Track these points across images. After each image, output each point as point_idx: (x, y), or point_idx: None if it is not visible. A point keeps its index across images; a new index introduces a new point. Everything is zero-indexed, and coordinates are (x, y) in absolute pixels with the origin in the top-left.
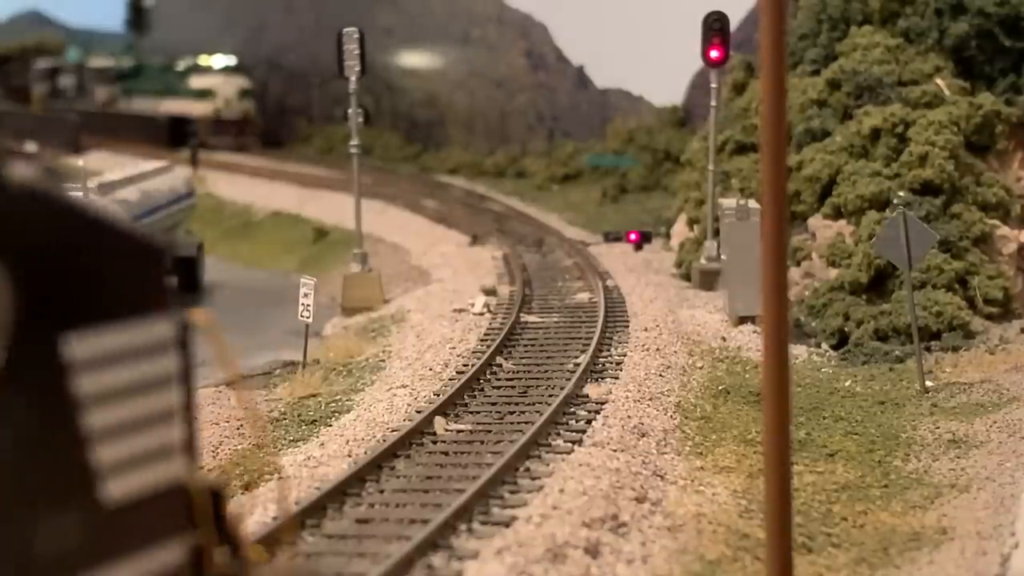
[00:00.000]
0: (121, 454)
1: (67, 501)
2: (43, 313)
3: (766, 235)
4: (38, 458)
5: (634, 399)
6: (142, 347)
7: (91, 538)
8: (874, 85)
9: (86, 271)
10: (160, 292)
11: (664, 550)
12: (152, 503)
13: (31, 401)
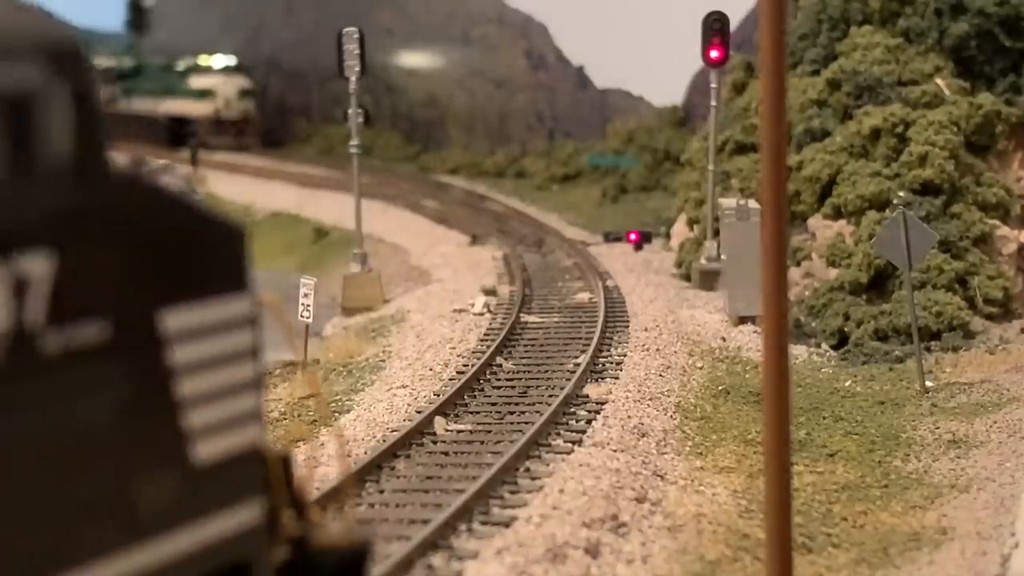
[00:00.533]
0: (207, 420)
1: (163, 461)
2: (143, 290)
3: (766, 235)
4: (140, 421)
5: (634, 399)
6: (224, 323)
7: (184, 496)
8: (874, 85)
9: (179, 253)
10: (240, 273)
11: (664, 550)
12: (233, 466)
13: (133, 370)
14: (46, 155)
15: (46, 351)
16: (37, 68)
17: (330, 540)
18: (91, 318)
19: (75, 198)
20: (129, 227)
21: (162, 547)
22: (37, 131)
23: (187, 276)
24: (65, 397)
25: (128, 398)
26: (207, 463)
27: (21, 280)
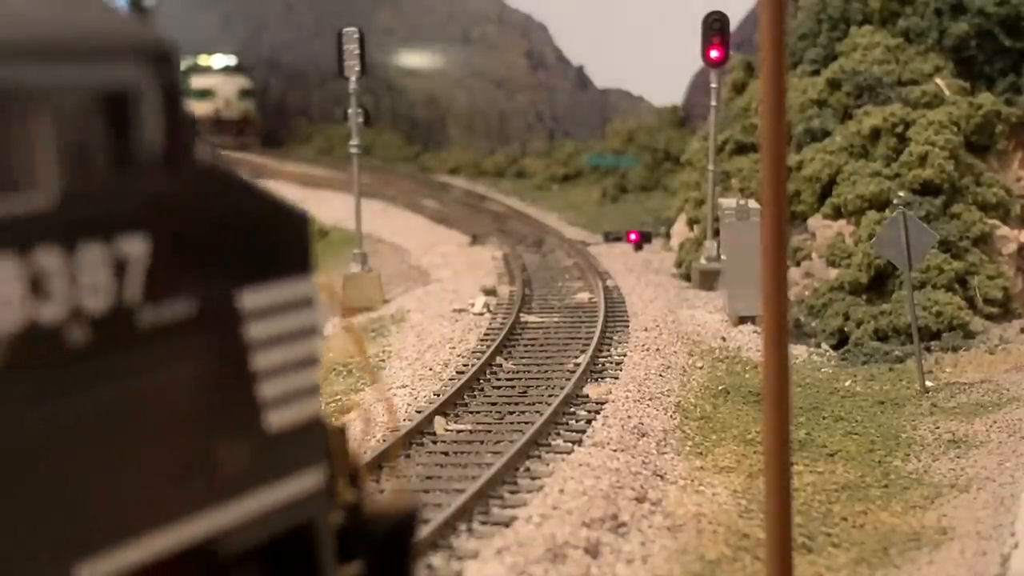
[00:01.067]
0: (276, 392)
1: (240, 429)
2: (223, 271)
3: (766, 235)
4: (220, 391)
5: (634, 399)
6: (291, 302)
7: (258, 460)
8: (874, 85)
9: (254, 236)
10: (304, 256)
11: (664, 550)
12: (298, 435)
13: (214, 344)
14: (141, 147)
15: (142, 325)
16: (136, 68)
17: (381, 507)
18: (179, 296)
19: (165, 186)
20: (211, 213)
21: (238, 508)
22: (134, 125)
23: (260, 258)
24: (158, 367)
25: (210, 370)
26: (276, 432)
27: (121, 260)
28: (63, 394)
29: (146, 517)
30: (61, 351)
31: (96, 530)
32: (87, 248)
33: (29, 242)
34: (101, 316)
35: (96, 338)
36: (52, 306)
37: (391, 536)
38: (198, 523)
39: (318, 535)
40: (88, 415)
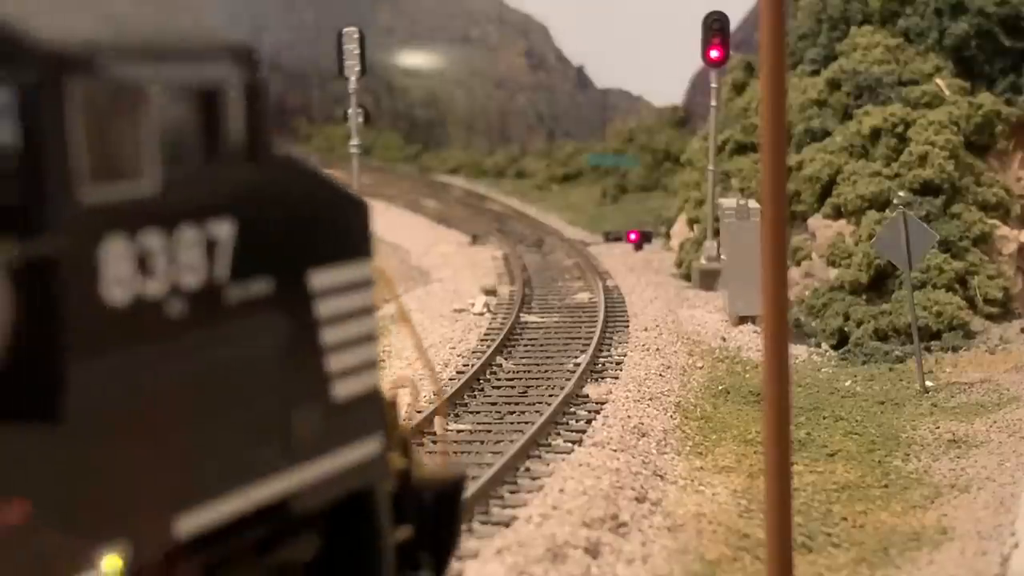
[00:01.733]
0: (342, 365)
1: (311, 398)
2: (296, 252)
3: (766, 235)
4: (294, 363)
5: (634, 399)
6: (353, 283)
7: (326, 428)
8: (874, 85)
9: (323, 222)
10: (365, 240)
11: (664, 550)
12: (360, 406)
13: (289, 320)
14: (228, 140)
15: (229, 301)
16: (225, 67)
17: (429, 474)
18: (260, 275)
19: (248, 176)
20: (287, 200)
21: (309, 471)
22: (223, 120)
23: (327, 242)
24: (242, 339)
25: (286, 343)
26: (341, 402)
27: (212, 242)
28: (164, 362)
29: (233, 476)
30: (163, 323)
31: (191, 486)
32: (184, 231)
33: (137, 225)
34: (195, 292)
35: (191, 312)
36: (155, 282)
37: (439, 502)
38: (275, 484)
39: (377, 499)
40: (185, 382)
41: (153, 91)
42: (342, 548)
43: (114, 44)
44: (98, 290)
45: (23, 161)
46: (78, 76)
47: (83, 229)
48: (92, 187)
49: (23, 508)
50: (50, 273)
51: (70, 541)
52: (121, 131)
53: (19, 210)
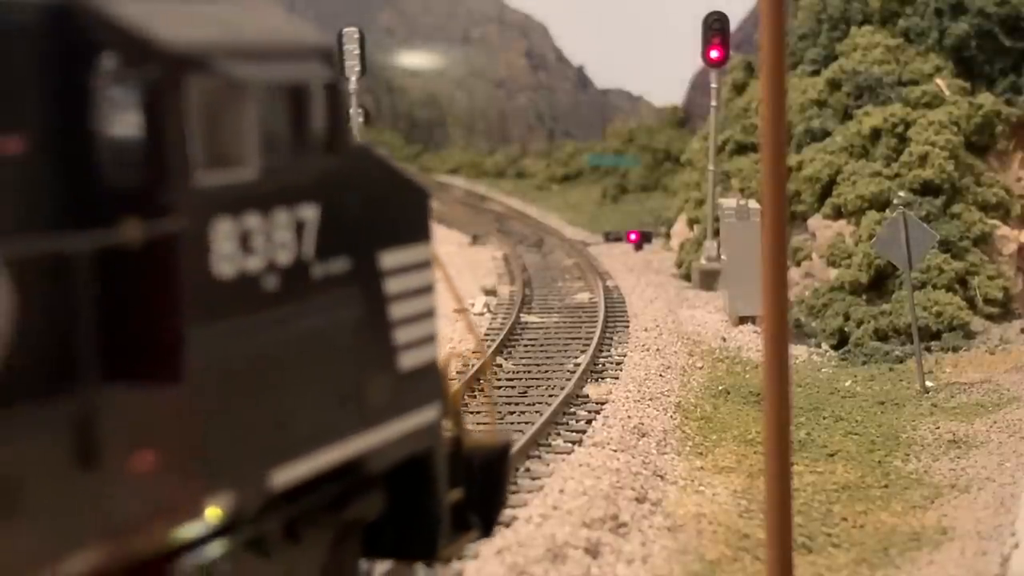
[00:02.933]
0: (407, 338)
1: (381, 367)
2: (370, 234)
3: (766, 235)
4: (368, 335)
5: (634, 399)
6: (416, 263)
7: (393, 395)
8: (874, 85)
9: (392, 207)
10: (427, 225)
11: (664, 550)
12: (421, 376)
13: (364, 296)
14: (312, 132)
15: (313, 277)
16: (310, 66)
17: (477, 441)
18: (339, 254)
19: (329, 165)
20: (361, 187)
21: (379, 434)
22: (308, 114)
23: (395, 225)
24: (325, 312)
25: (360, 317)
26: (406, 372)
27: (300, 224)
28: (262, 331)
29: (317, 435)
30: (260, 296)
31: (283, 443)
32: (278, 213)
33: (240, 207)
34: (286, 268)
35: (283, 286)
36: (255, 259)
37: (487, 466)
38: (350, 444)
39: (435, 462)
40: (279, 349)
41: (254, 88)
42: (402, 508)
43: (222, 46)
44: (210, 265)
45: (148, 149)
46: (195, 75)
47: (198, 210)
48: (205, 173)
49: (150, 458)
50: (171, 249)
51: (186, 489)
52: (228, 124)
53: (144, 193)
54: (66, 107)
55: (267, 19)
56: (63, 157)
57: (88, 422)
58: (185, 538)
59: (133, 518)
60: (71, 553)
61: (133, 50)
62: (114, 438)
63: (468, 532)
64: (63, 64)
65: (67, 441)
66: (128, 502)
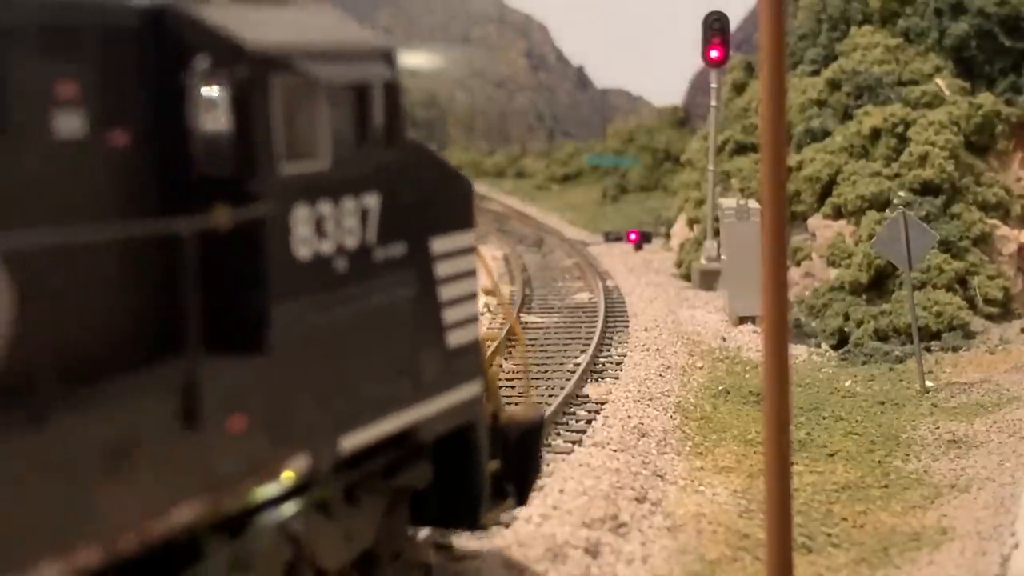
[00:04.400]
0: (454, 318)
1: (433, 344)
2: (422, 222)
3: (766, 235)
4: (421, 314)
5: (634, 399)
6: (461, 249)
7: (442, 370)
8: (874, 85)
9: (441, 197)
10: (470, 214)
11: (664, 550)
12: (466, 353)
13: (417, 278)
14: (373, 127)
15: (375, 260)
16: (374, 66)
17: (513, 416)
18: (397, 240)
19: (387, 157)
20: (415, 179)
21: (430, 406)
22: (370, 110)
23: (444, 214)
24: (385, 292)
25: (415, 297)
26: (453, 349)
27: (364, 211)
28: (333, 308)
29: (379, 405)
30: (331, 276)
31: (351, 411)
32: (345, 201)
33: (315, 195)
34: (353, 251)
35: (350, 267)
36: (327, 243)
37: (522, 439)
38: (406, 415)
39: (478, 434)
40: (347, 325)
41: (327, 86)
42: (446, 478)
43: (300, 48)
44: (290, 247)
45: (237, 142)
46: (278, 74)
47: (280, 198)
48: (286, 163)
49: (242, 421)
50: (258, 232)
51: (272, 451)
52: (305, 118)
53: (233, 181)
54: (164, 103)
55: (332, 22)
56: (162, 149)
57: (192, 388)
58: (263, 497)
59: (227, 476)
60: (178, 505)
61: (224, 52)
62: (213, 403)
63: (505, 501)
64: (161, 64)
65: (174, 405)
66: (223, 461)
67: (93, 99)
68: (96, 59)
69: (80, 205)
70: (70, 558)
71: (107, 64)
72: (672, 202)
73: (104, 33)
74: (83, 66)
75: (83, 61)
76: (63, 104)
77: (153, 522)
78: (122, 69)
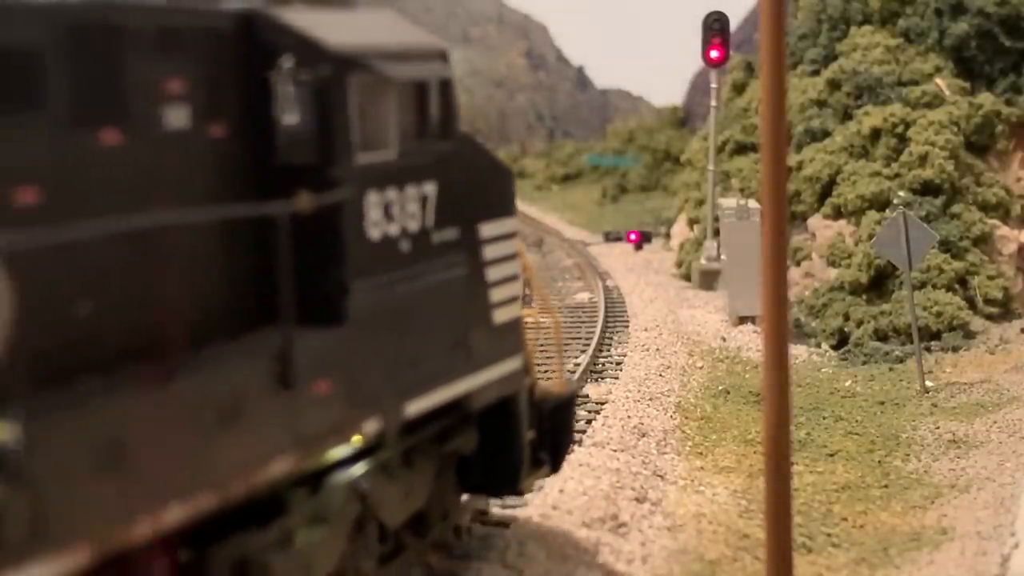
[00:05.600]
0: (499, 297)
1: (482, 321)
2: (472, 208)
3: (766, 235)
4: (473, 293)
5: (634, 399)
6: (505, 234)
7: (490, 345)
8: (874, 85)
9: (488, 185)
10: (512, 201)
11: (664, 550)
12: (510, 330)
13: (469, 260)
14: (431, 121)
15: (433, 242)
16: (432, 64)
17: (547, 390)
18: (451, 224)
19: (442, 148)
20: (466, 169)
21: (479, 378)
22: (428, 105)
23: (490, 201)
24: (441, 272)
25: (467, 277)
26: (498, 326)
27: (424, 198)
28: (398, 284)
29: (437, 375)
30: (397, 255)
31: (414, 380)
32: (408, 188)
33: (384, 183)
34: (415, 234)
35: (412, 249)
36: (394, 226)
37: (556, 411)
38: (461, 384)
39: (519, 405)
40: (410, 300)
41: (395, 83)
42: (489, 445)
43: (372, 48)
44: (364, 229)
45: (318, 134)
46: (355, 73)
47: (356, 184)
48: (361, 153)
49: (326, 386)
50: (337, 215)
51: (349, 413)
52: (376, 113)
53: (315, 169)
54: (253, 99)
55: (393, 23)
56: (252, 140)
57: (286, 354)
58: (336, 457)
59: (313, 435)
60: (275, 459)
61: (308, 53)
62: (303, 368)
63: (540, 468)
64: (251, 63)
65: (272, 368)
66: (310, 421)
67: (195, 95)
68: (197, 59)
69: (186, 190)
70: (193, 502)
71: (206, 63)
72: (672, 202)
73: (203, 35)
74: (187, 65)
75: (187, 60)
76: (171, 99)
77: (256, 473)
78: (218, 68)
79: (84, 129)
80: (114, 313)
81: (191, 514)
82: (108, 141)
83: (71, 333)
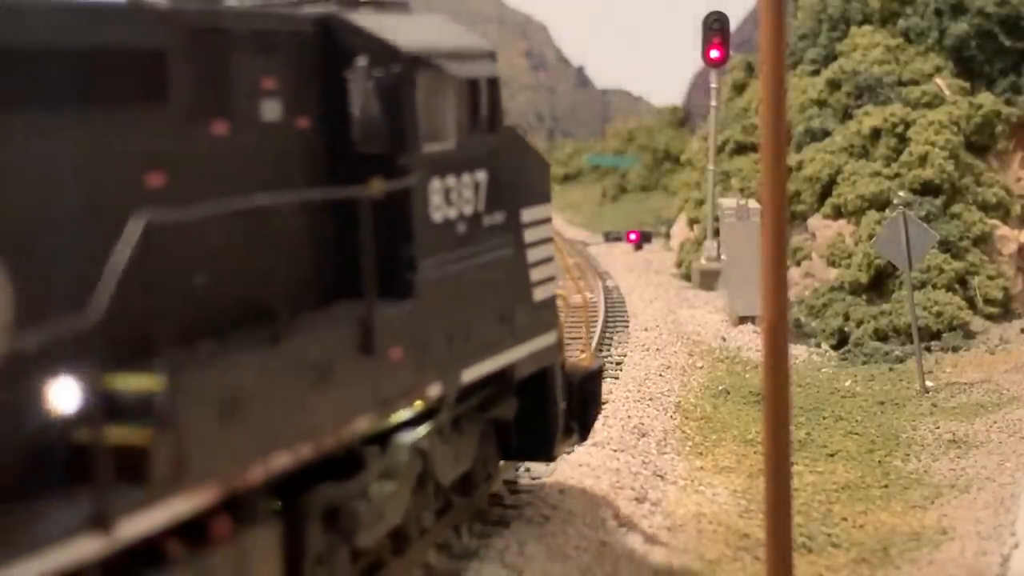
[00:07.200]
0: (538, 277)
1: (523, 298)
2: (515, 195)
3: (766, 235)
4: (516, 272)
5: (634, 399)
6: (542, 219)
7: (530, 320)
8: (874, 85)
9: (528, 173)
10: (548, 188)
11: (664, 550)
12: (547, 307)
13: (513, 242)
14: (482, 115)
15: (484, 225)
16: (483, 64)
17: (575, 364)
18: (498, 209)
19: (491, 140)
20: (510, 159)
21: (523, 349)
22: (479, 101)
23: (530, 188)
24: (492, 252)
25: (511, 258)
26: (537, 303)
27: (476, 185)
28: (457, 263)
29: (488, 346)
30: (455, 237)
31: (469, 350)
32: (464, 176)
33: (445, 171)
34: (469, 217)
35: (467, 231)
36: (452, 209)
37: (584, 383)
38: (507, 355)
39: (553, 377)
40: (466, 276)
41: (454, 81)
42: (526, 415)
43: (435, 49)
44: (429, 213)
45: (391, 125)
46: (422, 71)
47: (422, 172)
48: (427, 143)
49: (399, 353)
50: (407, 200)
51: (417, 377)
52: (438, 107)
53: (387, 158)
54: (332, 95)
55: (445, 26)
56: (331, 131)
57: (368, 323)
58: (399, 420)
59: (388, 397)
60: (358, 416)
61: (381, 53)
62: (382, 335)
63: (570, 437)
64: (329, 63)
65: (356, 335)
66: (386, 384)
67: (285, 91)
68: (286, 58)
69: (278, 176)
70: (295, 451)
71: (293, 62)
72: (672, 202)
73: (290, 37)
74: (278, 64)
75: (278, 60)
76: (267, 95)
77: (344, 429)
78: (302, 66)
79: (199, 121)
80: (224, 284)
81: (293, 462)
82: (218, 131)
83: (191, 300)
